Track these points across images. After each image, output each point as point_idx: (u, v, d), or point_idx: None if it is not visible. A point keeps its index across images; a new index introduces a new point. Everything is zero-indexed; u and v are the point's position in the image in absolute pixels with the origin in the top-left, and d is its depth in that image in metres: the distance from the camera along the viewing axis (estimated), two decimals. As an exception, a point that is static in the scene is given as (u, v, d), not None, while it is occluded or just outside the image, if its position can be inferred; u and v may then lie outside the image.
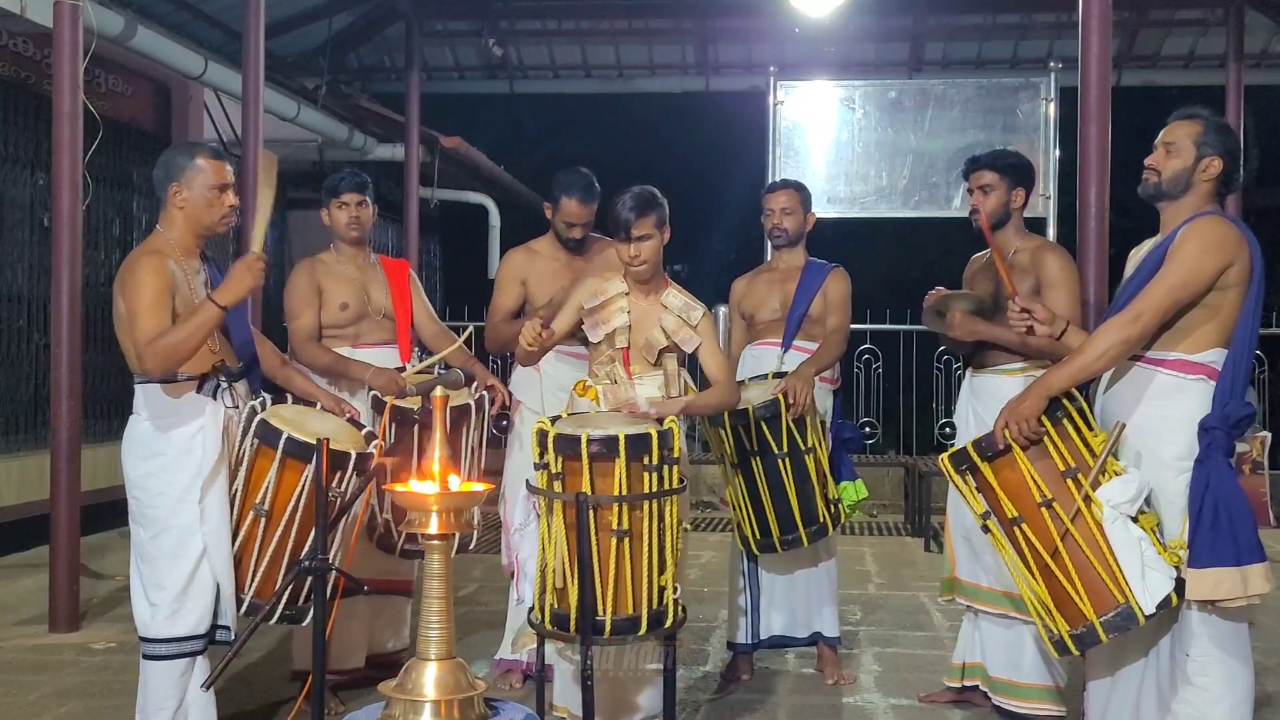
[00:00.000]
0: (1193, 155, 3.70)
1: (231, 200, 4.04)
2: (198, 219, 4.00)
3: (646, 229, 4.17)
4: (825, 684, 5.16)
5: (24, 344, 8.57)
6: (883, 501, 10.41)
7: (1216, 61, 11.52)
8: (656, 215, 4.20)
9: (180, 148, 4.16)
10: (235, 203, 4.06)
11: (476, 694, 3.15)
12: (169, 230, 4.01)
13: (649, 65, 12.63)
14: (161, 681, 3.90)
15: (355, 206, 5.01)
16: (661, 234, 4.23)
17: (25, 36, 8.41)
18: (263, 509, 3.97)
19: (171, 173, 3.99)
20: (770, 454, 4.85)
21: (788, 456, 4.86)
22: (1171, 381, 3.65)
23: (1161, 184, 3.74)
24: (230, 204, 4.03)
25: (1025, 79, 10.09)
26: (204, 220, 4.01)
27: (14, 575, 7.22)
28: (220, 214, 4.02)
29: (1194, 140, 3.71)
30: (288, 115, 10.31)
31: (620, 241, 4.20)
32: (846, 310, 5.22)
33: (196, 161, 3.98)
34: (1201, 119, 3.74)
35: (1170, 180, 3.72)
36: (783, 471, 4.86)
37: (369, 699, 4.44)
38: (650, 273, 4.26)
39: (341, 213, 5.01)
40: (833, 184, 9.73)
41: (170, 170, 3.99)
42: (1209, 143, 3.70)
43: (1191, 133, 3.72)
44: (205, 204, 3.98)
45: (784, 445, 4.84)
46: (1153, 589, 3.54)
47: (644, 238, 4.17)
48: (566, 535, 3.79)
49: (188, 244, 4.02)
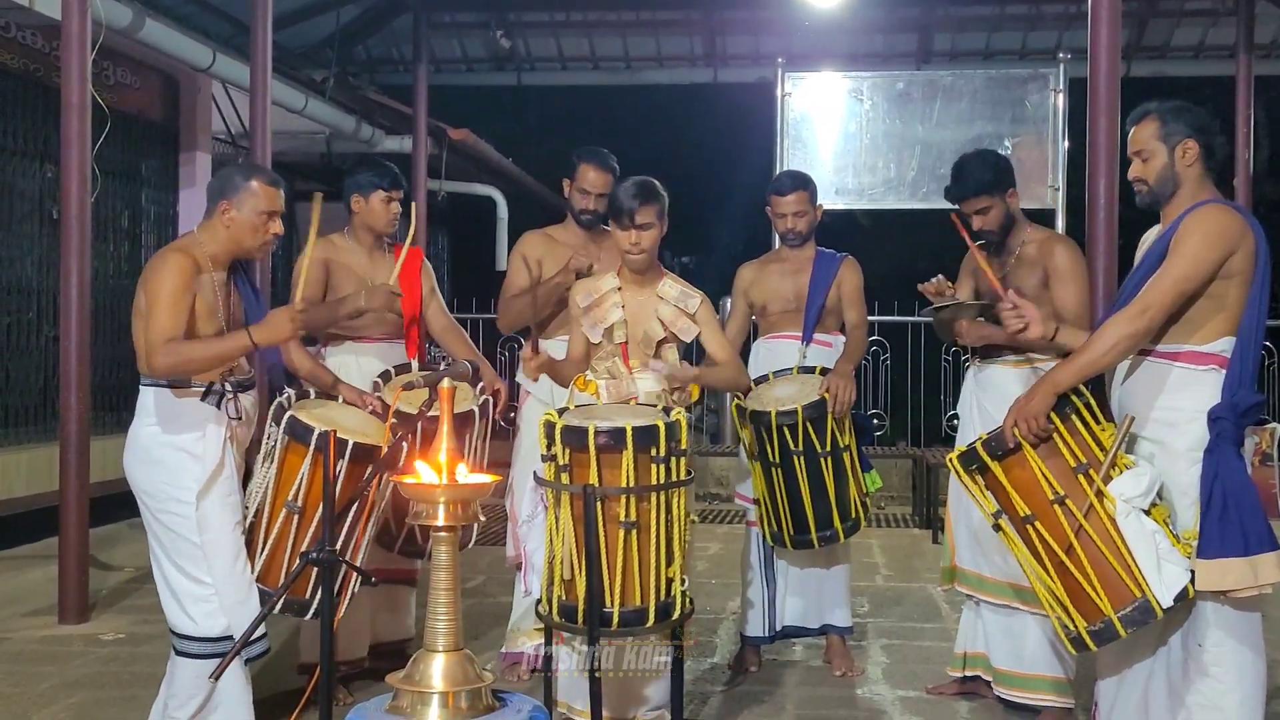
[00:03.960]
0: (1164, 150, 3.68)
1: (277, 229, 4.06)
2: (239, 240, 4.01)
3: (649, 217, 4.20)
4: (833, 675, 5.16)
5: (33, 336, 8.58)
6: (891, 493, 10.40)
7: (1226, 52, 11.48)
8: (658, 205, 4.23)
9: (240, 167, 4.19)
10: (280, 231, 4.09)
11: (484, 686, 3.14)
12: (208, 240, 4.00)
13: (657, 57, 12.62)
14: (188, 678, 3.90)
15: (399, 202, 5.01)
16: (661, 225, 4.25)
17: (33, 29, 8.42)
18: (296, 505, 4.00)
19: (225, 189, 4.00)
20: (814, 453, 4.83)
21: (829, 455, 4.85)
22: (1186, 374, 3.63)
23: (1153, 190, 3.73)
24: (275, 232, 4.06)
25: (1034, 70, 10.07)
26: (245, 243, 4.02)
27: (23, 567, 7.24)
28: (262, 240, 4.04)
29: (1157, 136, 3.69)
30: (295, 107, 10.30)
31: (621, 229, 4.21)
32: (863, 301, 5.23)
33: (251, 184, 3.99)
34: (1153, 112, 3.73)
35: (1158, 183, 3.71)
36: (825, 470, 4.85)
37: (376, 690, 4.44)
38: (646, 263, 4.27)
39: (387, 207, 4.98)
40: (840, 175, 9.73)
41: (225, 187, 4.01)
42: (1172, 130, 3.68)
43: (1152, 131, 3.71)
44: (250, 228, 3.99)
45: (827, 444, 4.84)
46: (1169, 581, 3.53)
47: (646, 225, 4.20)
48: (574, 527, 3.79)
49: (222, 258, 4.03)
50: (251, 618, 3.89)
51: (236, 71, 9.16)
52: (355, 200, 4.99)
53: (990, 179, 4.55)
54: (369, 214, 4.98)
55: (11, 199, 8.42)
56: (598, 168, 5.03)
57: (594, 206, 5.04)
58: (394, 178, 5.02)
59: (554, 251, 5.08)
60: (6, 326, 8.36)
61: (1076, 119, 7.45)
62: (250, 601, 3.94)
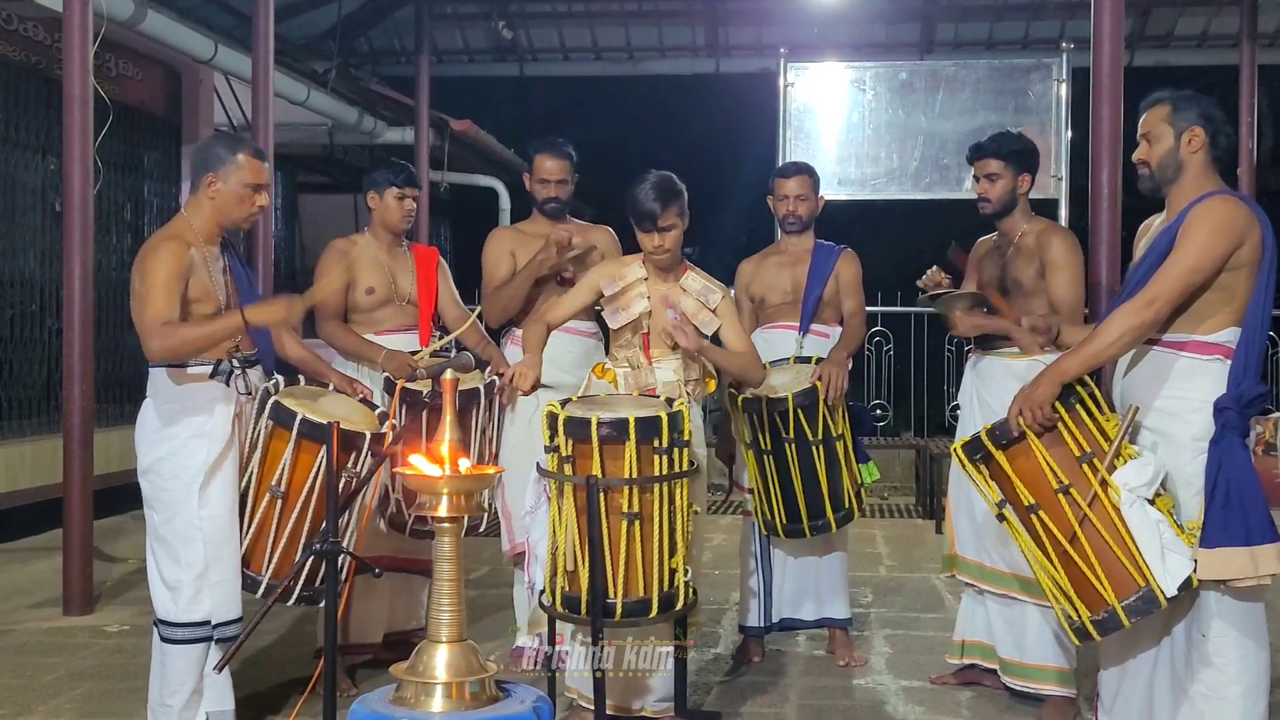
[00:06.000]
0: (1171, 135, 3.70)
1: (263, 201, 4.07)
2: (226, 212, 4.02)
3: (671, 219, 4.21)
4: (836, 666, 5.16)
5: (36, 328, 8.60)
6: (894, 484, 10.40)
7: (1230, 41, 11.46)
8: (679, 204, 4.24)
9: (223, 139, 4.20)
10: (266, 204, 4.10)
11: (487, 676, 3.15)
12: (194, 216, 4.02)
13: (659, 47, 12.61)
14: (179, 665, 3.92)
15: (413, 199, 5.09)
16: (683, 222, 4.26)
17: (35, 21, 8.42)
18: (279, 490, 4.00)
19: (210, 162, 4.00)
20: (805, 441, 4.84)
21: (821, 444, 4.85)
22: (1191, 364, 3.63)
23: (1154, 174, 3.74)
24: (261, 204, 4.07)
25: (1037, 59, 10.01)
26: (232, 214, 4.03)
27: (28, 558, 7.25)
28: (248, 212, 4.05)
29: (1166, 120, 3.71)
30: (297, 99, 10.30)
31: (644, 232, 4.22)
32: (861, 292, 5.24)
33: (237, 157, 4.00)
34: (1166, 99, 3.75)
35: (1160, 167, 3.73)
36: (816, 458, 4.85)
37: (381, 680, 4.46)
38: (672, 262, 4.29)
39: (401, 205, 5.06)
40: (843, 166, 9.69)
41: (209, 159, 4.02)
42: (1182, 117, 3.69)
43: (1162, 115, 3.72)
44: (236, 199, 4.00)
45: (819, 432, 4.84)
46: (1173, 571, 3.53)
47: (669, 228, 4.21)
48: (577, 518, 3.79)
49: (210, 232, 4.04)
50: (234, 599, 3.96)
51: (238, 63, 9.16)
52: (371, 197, 5.10)
53: (1015, 149, 4.62)
54: (384, 211, 5.07)
55: (14, 191, 8.43)
56: (553, 156, 5.14)
57: (555, 194, 5.16)
58: (408, 176, 5.11)
59: (525, 244, 5.16)
60: (10, 319, 8.37)
61: (1080, 109, 7.44)
62: (236, 583, 3.98)
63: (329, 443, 3.75)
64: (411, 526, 4.78)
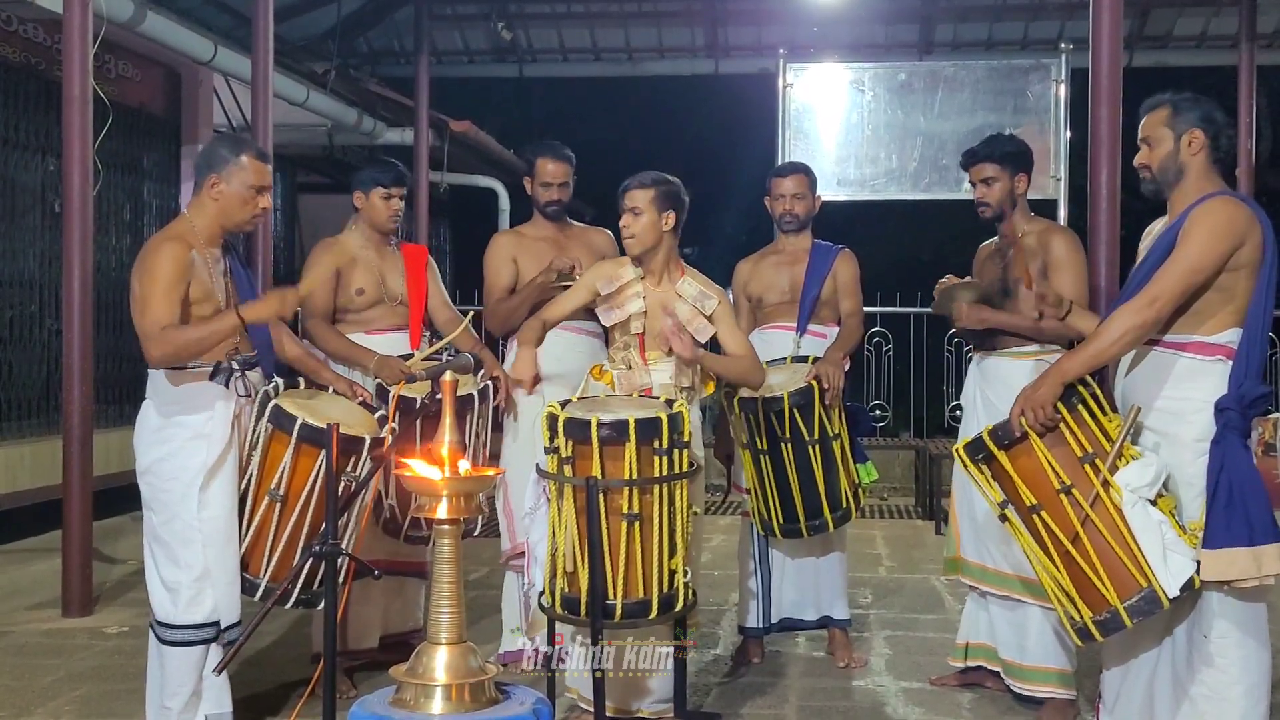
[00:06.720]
0: (1171, 138, 3.71)
1: (266, 203, 4.07)
2: (229, 214, 4.02)
3: (638, 201, 4.24)
4: (836, 667, 5.16)
5: (36, 329, 8.59)
6: (893, 484, 10.40)
7: (1229, 42, 11.45)
8: (656, 192, 4.25)
9: (227, 140, 4.20)
10: (269, 206, 4.10)
11: (487, 678, 3.15)
12: (196, 217, 4.02)
13: (658, 48, 12.59)
14: (179, 667, 3.92)
15: (399, 199, 5.06)
16: (659, 213, 4.26)
17: (35, 22, 8.41)
18: (278, 494, 4.00)
19: (213, 163, 4.00)
20: (801, 440, 4.83)
21: (818, 443, 4.84)
22: (1193, 365, 3.64)
23: (1155, 177, 3.76)
24: (264, 207, 4.07)
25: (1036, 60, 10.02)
26: (235, 216, 4.03)
27: (27, 559, 7.25)
28: (251, 213, 4.05)
29: (1166, 124, 3.73)
30: (297, 100, 10.29)
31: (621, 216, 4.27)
32: (858, 292, 5.23)
33: (241, 159, 4.00)
34: (1166, 102, 3.77)
35: (1161, 171, 3.74)
36: (812, 458, 4.84)
37: (381, 682, 4.45)
38: (638, 249, 4.28)
39: (386, 204, 5.04)
40: (842, 166, 9.70)
41: (213, 160, 4.01)
42: (1182, 119, 3.71)
43: (1161, 118, 3.74)
44: (239, 201, 4.00)
45: (815, 432, 4.83)
46: (1175, 571, 3.53)
47: (635, 210, 4.23)
48: (577, 519, 3.79)
49: (213, 233, 4.03)
50: (235, 601, 3.96)
51: (238, 64, 9.14)
52: (357, 197, 5.07)
53: (1005, 151, 4.62)
54: (370, 210, 5.05)
55: (13, 192, 8.41)
56: (554, 159, 5.15)
57: (557, 197, 5.17)
58: (396, 175, 5.07)
59: (527, 248, 5.16)
60: (9, 320, 8.36)
61: (1078, 109, 7.44)
62: (236, 586, 3.98)
63: (329, 447, 3.75)
64: (406, 532, 4.78)
